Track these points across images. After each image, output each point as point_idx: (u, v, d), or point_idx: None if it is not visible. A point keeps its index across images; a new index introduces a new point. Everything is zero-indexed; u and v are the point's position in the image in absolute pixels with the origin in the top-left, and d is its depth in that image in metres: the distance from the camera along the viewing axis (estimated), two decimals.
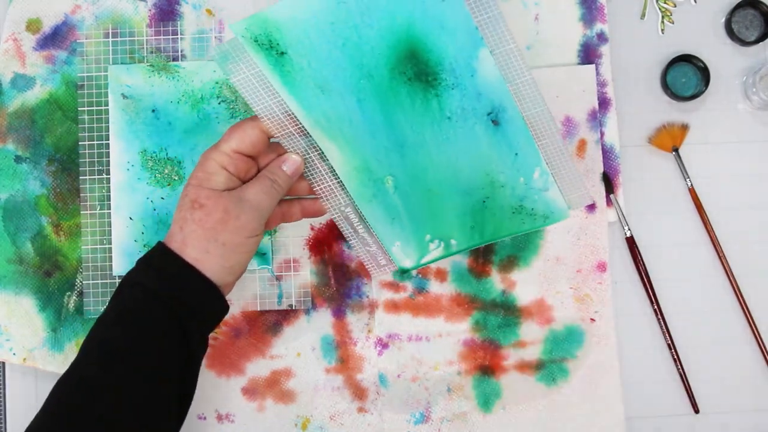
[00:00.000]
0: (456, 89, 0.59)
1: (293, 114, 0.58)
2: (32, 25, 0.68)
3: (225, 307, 0.56)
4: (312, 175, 0.60)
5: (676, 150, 0.68)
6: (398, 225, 0.61)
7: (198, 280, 0.53)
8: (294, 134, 0.59)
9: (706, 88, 0.68)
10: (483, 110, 0.60)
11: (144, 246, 0.65)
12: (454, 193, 0.61)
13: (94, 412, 0.50)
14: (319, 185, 0.60)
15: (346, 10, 0.57)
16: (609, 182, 0.67)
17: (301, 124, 0.58)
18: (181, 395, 0.54)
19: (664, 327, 0.67)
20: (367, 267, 0.62)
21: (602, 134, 0.68)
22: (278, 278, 0.67)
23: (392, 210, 0.61)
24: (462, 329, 0.67)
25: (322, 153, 0.59)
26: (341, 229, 0.61)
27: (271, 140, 0.59)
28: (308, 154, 0.59)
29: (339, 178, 0.60)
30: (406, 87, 0.59)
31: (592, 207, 0.67)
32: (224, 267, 0.54)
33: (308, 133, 0.59)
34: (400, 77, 0.59)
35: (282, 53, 0.57)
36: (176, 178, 0.66)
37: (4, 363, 0.67)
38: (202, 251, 0.53)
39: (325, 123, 0.58)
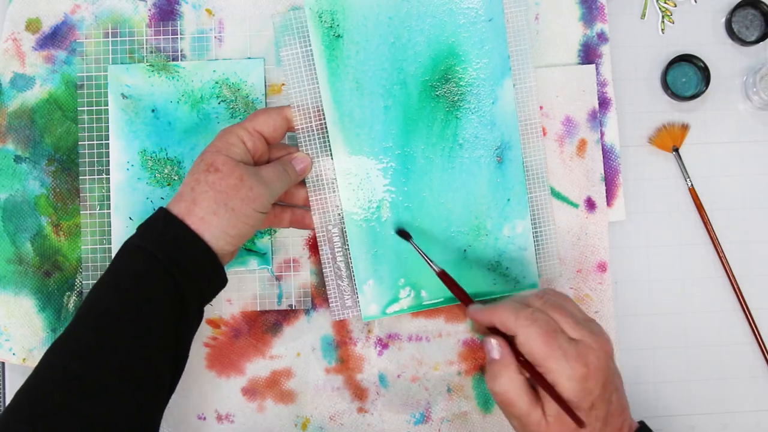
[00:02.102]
0: (475, 114, 0.62)
1: (321, 108, 0.62)
2: (32, 25, 0.68)
3: (223, 278, 0.57)
4: (313, 183, 0.62)
5: (676, 150, 0.68)
6: (378, 261, 0.63)
7: (198, 245, 0.53)
8: (314, 131, 0.62)
9: (706, 88, 0.68)
10: (493, 143, 0.63)
11: None
12: (440, 235, 0.63)
13: (86, 376, 0.50)
14: (316, 195, 0.62)
15: (407, 10, 0.61)
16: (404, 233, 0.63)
17: (323, 120, 0.62)
18: (174, 361, 0.54)
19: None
20: (330, 304, 0.64)
21: (602, 134, 0.68)
22: (278, 278, 0.67)
23: (377, 242, 0.63)
24: (462, 329, 0.67)
25: (332, 161, 0.62)
26: (320, 252, 0.64)
27: (288, 135, 0.62)
28: (318, 158, 0.61)
29: (337, 193, 0.61)
30: (432, 102, 0.62)
31: (592, 207, 0.67)
32: (227, 234, 0.54)
33: (326, 134, 0.61)
34: (430, 91, 0.62)
35: (338, 36, 0.61)
36: (176, 178, 0.66)
37: (4, 363, 0.67)
38: (209, 212, 0.54)
39: (348, 122, 0.62)
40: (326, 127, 0.62)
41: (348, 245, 0.63)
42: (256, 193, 0.55)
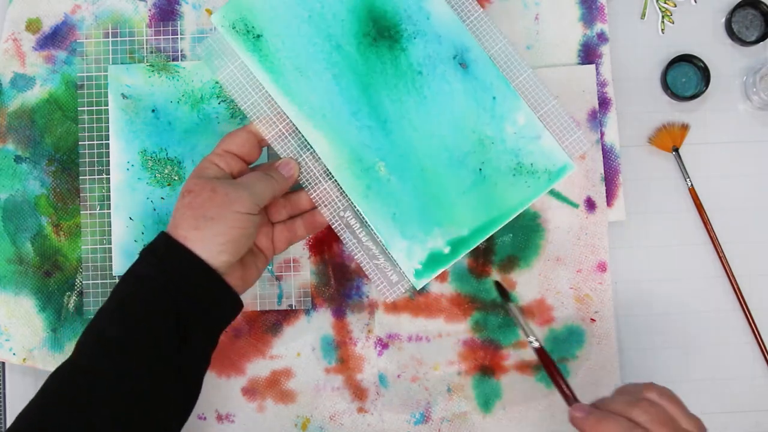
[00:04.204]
0: (418, 37, 0.60)
1: (282, 111, 0.60)
2: (32, 25, 0.68)
3: (230, 294, 0.55)
4: (307, 180, 0.61)
5: (676, 150, 0.68)
6: (400, 221, 0.61)
7: (191, 260, 0.53)
8: (284, 135, 0.60)
9: (706, 88, 0.68)
10: (448, 53, 0.61)
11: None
12: (448, 166, 0.61)
13: (85, 401, 0.50)
14: (315, 190, 0.61)
15: None
16: (503, 289, 0.64)
17: (289, 120, 0.60)
18: (181, 383, 0.54)
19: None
20: (378, 288, 0.62)
21: (602, 134, 0.68)
22: (278, 278, 0.67)
23: (390, 202, 0.61)
24: (462, 329, 0.67)
25: (314, 152, 0.60)
26: (344, 242, 0.61)
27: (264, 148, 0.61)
28: (301, 156, 0.61)
29: (333, 178, 0.60)
30: (373, 50, 0.61)
31: (592, 207, 0.67)
32: (217, 243, 0.53)
33: (297, 131, 0.60)
34: (366, 40, 0.60)
35: (258, 36, 0.59)
36: (176, 178, 0.66)
37: (4, 363, 0.67)
38: (190, 228, 0.53)
39: (308, 110, 0.60)
40: (294, 125, 0.61)
41: (367, 221, 0.61)
42: (233, 197, 0.54)
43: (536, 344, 0.58)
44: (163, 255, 0.54)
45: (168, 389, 0.53)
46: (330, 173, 0.61)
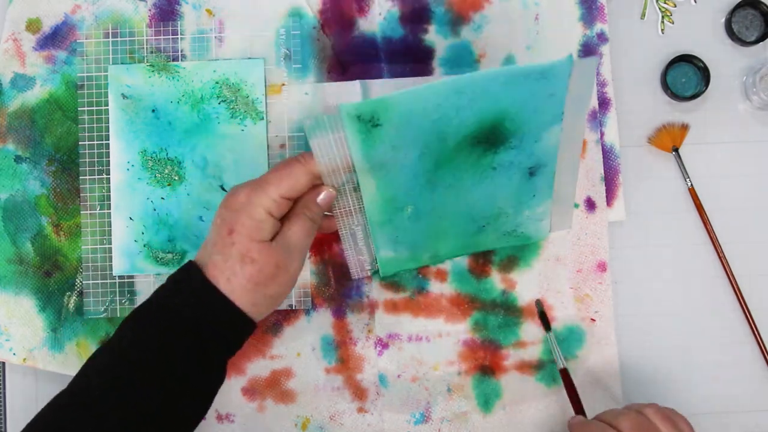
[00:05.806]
0: (515, 149, 0.58)
1: (351, 162, 0.56)
2: (32, 25, 0.68)
3: (253, 327, 0.56)
4: (337, 198, 0.59)
5: (676, 150, 0.68)
6: (399, 246, 0.63)
7: (231, 311, 0.53)
8: (339, 171, 0.57)
9: (706, 88, 0.68)
10: (527, 164, 0.60)
11: (144, 246, 0.65)
12: (461, 220, 0.63)
13: (97, 412, 0.50)
14: (340, 208, 0.60)
15: (458, 98, 0.53)
16: (544, 316, 0.67)
17: (352, 165, 0.56)
18: (200, 403, 0.54)
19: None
20: (349, 266, 0.65)
21: (602, 134, 0.68)
22: None
23: (399, 234, 0.62)
24: (462, 329, 0.67)
25: (357, 185, 0.58)
26: (342, 239, 0.62)
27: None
28: (344, 186, 0.58)
29: (362, 203, 0.59)
30: (469, 148, 0.57)
31: (592, 207, 0.67)
32: (264, 314, 0.55)
33: (354, 170, 0.57)
34: (471, 141, 0.57)
35: (377, 125, 0.54)
36: (176, 178, 0.66)
37: (4, 363, 0.67)
38: (249, 304, 0.53)
39: (378, 167, 0.56)
40: (353, 165, 0.56)
41: (371, 239, 0.62)
42: (293, 272, 0.54)
43: (562, 366, 0.65)
44: (198, 293, 0.53)
45: (183, 408, 0.53)
46: (361, 199, 0.59)
